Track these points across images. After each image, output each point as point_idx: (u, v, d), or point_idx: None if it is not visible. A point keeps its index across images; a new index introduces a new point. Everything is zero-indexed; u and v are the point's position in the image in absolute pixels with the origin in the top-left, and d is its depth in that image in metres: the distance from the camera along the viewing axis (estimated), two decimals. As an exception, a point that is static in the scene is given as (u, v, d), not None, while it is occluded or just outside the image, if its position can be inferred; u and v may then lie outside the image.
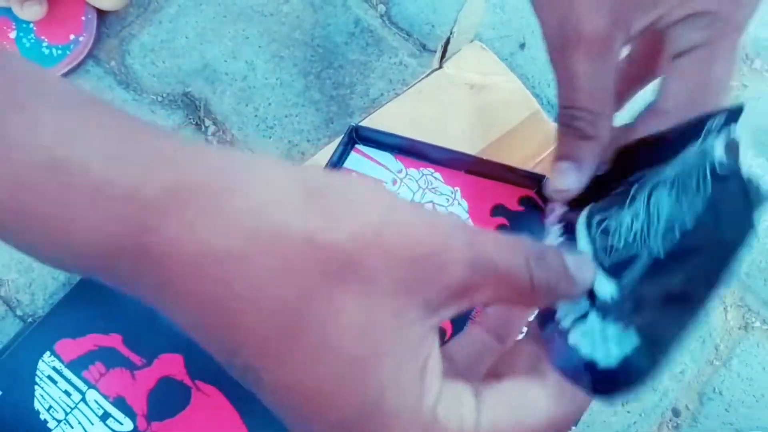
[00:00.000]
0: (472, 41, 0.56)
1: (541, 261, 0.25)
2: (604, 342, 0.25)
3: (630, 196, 0.30)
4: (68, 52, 0.62)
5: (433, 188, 0.50)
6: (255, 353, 0.22)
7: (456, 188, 0.50)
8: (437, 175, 0.50)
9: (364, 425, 0.22)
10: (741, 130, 0.27)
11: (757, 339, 0.71)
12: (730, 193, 0.25)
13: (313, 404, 0.22)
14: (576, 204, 0.35)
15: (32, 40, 0.63)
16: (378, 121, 0.52)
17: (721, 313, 0.71)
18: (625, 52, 0.37)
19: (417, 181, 0.50)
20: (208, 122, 0.62)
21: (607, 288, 0.27)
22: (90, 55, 0.64)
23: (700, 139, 0.28)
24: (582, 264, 0.27)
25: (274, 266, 0.21)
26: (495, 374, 0.28)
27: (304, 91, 0.62)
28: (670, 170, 0.29)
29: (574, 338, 0.26)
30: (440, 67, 0.54)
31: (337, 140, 0.50)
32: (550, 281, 0.25)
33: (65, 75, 0.62)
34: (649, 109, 0.37)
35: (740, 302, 0.72)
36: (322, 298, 0.21)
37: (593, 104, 0.35)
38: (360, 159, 0.51)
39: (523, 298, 0.25)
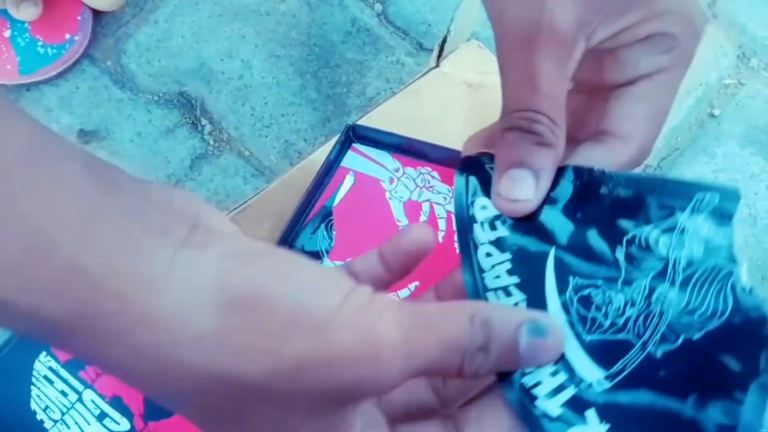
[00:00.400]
0: (469, 40, 0.55)
1: (479, 356, 0.24)
2: None
3: (623, 272, 0.27)
4: (63, 52, 0.62)
5: (431, 187, 0.50)
6: None
7: (453, 187, 0.50)
8: (435, 173, 0.50)
9: None
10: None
11: (754, 337, 0.71)
12: (747, 323, 0.24)
13: None
14: (520, 222, 0.31)
15: (27, 40, 0.62)
16: (375, 119, 0.52)
17: (718, 311, 0.70)
18: None
19: (414, 180, 0.50)
20: (204, 121, 0.61)
21: (591, 372, 0.26)
22: (86, 54, 0.64)
23: (688, 210, 0.27)
24: (541, 349, 0.25)
25: (181, 401, 0.22)
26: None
27: (301, 90, 0.62)
28: (663, 247, 0.27)
29: None
30: (437, 65, 0.54)
31: (334, 139, 0.50)
32: (481, 372, 0.24)
33: (60, 74, 0.62)
34: (599, 133, 0.34)
35: (737, 300, 0.72)
36: (235, 420, 0.22)
37: (553, 111, 0.31)
38: (357, 158, 0.50)
39: (449, 377, 0.26)
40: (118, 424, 0.49)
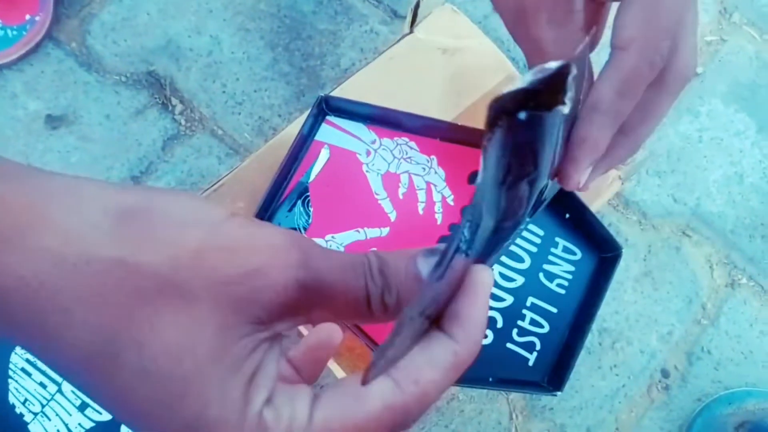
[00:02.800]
0: (443, 4, 0.54)
1: (380, 278, 0.24)
2: None
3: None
4: (24, 33, 0.59)
5: (408, 158, 0.49)
6: (77, 376, 0.23)
7: (432, 157, 0.49)
8: (412, 144, 0.49)
9: None
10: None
11: (744, 296, 0.71)
12: None
13: (141, 420, 0.23)
14: None
15: (-14, 23, 0.60)
16: (349, 90, 0.50)
17: (707, 271, 0.70)
18: None
19: (391, 151, 0.49)
20: (174, 101, 0.60)
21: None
22: (50, 37, 0.62)
23: None
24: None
25: (84, 292, 0.21)
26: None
27: (273, 64, 0.60)
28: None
29: None
30: (411, 32, 0.53)
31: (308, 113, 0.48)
32: (389, 299, 0.24)
33: (24, 57, 0.60)
34: (612, 53, 0.33)
35: (726, 260, 0.71)
36: (138, 321, 0.22)
37: None
38: (332, 131, 0.49)
39: (364, 317, 0.25)
40: (100, 413, 0.48)
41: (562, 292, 0.48)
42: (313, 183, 0.47)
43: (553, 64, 0.23)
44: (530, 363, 0.47)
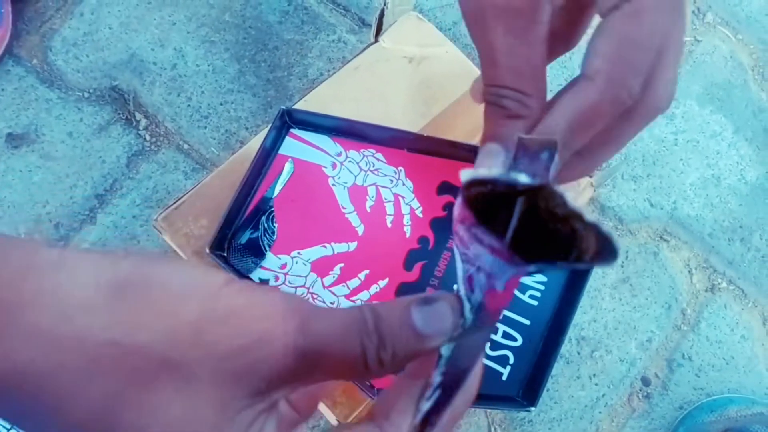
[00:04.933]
0: (411, 11, 0.53)
1: (375, 337, 0.24)
2: None
3: None
4: (-19, 51, 0.58)
5: (375, 170, 0.48)
6: None
7: (399, 168, 0.48)
8: (379, 155, 0.48)
9: None
10: None
11: (724, 300, 0.70)
12: None
13: None
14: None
15: (-57, 41, 0.59)
16: (313, 102, 0.49)
17: (686, 276, 0.69)
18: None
19: (358, 163, 0.47)
20: (138, 116, 0.58)
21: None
22: (10, 53, 0.60)
23: None
24: (436, 314, 0.25)
25: (79, 374, 0.21)
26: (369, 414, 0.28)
27: (239, 76, 0.59)
28: None
29: None
30: (376, 41, 0.52)
31: (273, 126, 0.47)
32: (384, 356, 0.24)
33: (-18, 75, 0.59)
34: (578, 78, 0.31)
35: (705, 264, 0.71)
36: (137, 402, 0.21)
37: (519, 83, 0.31)
38: (296, 144, 0.48)
39: (362, 375, 0.25)
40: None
41: (535, 303, 0.47)
42: (277, 198, 0.46)
43: (495, 171, 0.23)
44: (504, 377, 0.46)
